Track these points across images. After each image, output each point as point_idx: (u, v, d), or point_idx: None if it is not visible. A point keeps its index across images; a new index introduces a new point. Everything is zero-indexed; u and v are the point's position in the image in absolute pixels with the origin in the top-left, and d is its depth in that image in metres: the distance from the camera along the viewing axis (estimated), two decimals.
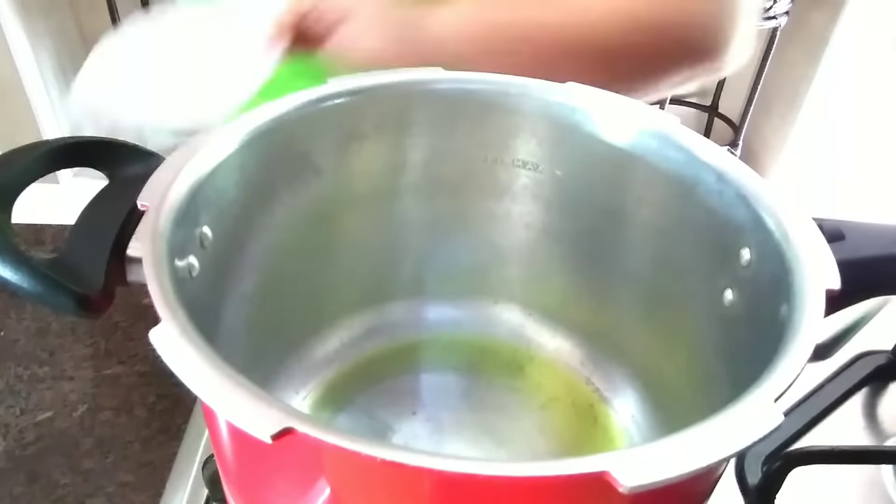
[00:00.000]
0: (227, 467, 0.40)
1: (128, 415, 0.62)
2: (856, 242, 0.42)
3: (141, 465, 0.59)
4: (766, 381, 0.29)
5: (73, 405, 0.63)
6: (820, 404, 0.63)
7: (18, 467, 0.58)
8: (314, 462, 0.31)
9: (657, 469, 0.25)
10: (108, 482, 0.57)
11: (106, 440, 0.60)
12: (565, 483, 0.27)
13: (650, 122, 0.45)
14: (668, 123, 0.45)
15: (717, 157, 0.42)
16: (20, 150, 0.33)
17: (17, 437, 0.60)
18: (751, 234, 0.40)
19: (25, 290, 0.30)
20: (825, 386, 0.65)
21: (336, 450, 0.26)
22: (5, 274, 0.30)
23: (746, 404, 0.28)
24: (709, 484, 0.36)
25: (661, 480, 0.25)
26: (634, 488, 0.25)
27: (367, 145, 0.48)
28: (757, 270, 0.40)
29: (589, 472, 0.25)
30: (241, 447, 0.36)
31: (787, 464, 0.55)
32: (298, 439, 0.26)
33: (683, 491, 0.34)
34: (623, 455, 0.26)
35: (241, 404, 0.27)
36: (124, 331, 0.69)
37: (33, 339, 0.67)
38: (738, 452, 0.27)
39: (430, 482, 0.29)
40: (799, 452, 0.56)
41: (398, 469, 0.26)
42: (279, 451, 0.31)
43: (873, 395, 0.65)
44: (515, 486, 0.28)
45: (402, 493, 0.30)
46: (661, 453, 0.26)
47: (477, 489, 0.29)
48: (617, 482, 0.25)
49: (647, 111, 0.45)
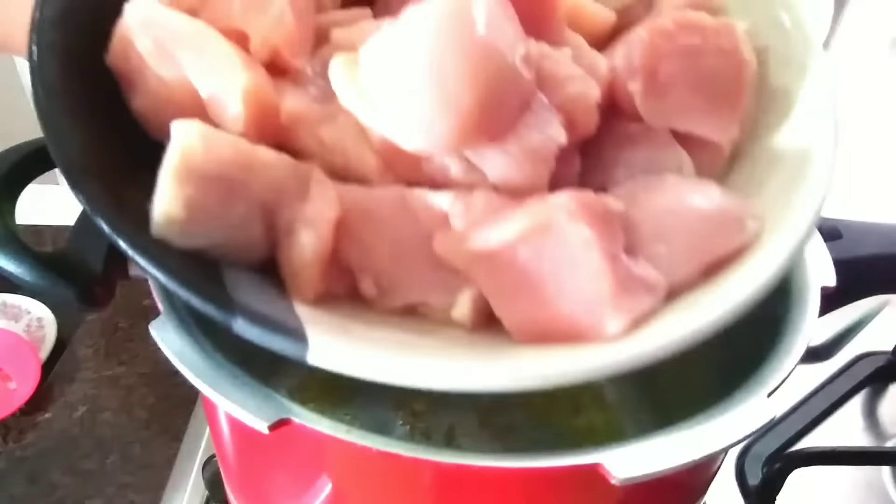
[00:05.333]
0: (228, 464, 0.40)
1: (128, 416, 0.62)
2: (853, 241, 0.42)
3: (141, 466, 0.59)
4: (760, 376, 0.29)
5: (73, 406, 0.63)
6: (820, 405, 0.63)
7: (18, 468, 0.58)
8: (314, 455, 0.31)
9: (649, 462, 0.26)
10: (108, 483, 0.57)
11: (106, 441, 0.60)
12: (559, 475, 0.28)
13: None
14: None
15: None
16: (21, 147, 0.33)
17: (17, 438, 0.60)
18: None
19: (28, 282, 0.30)
20: (825, 387, 0.65)
21: (334, 441, 0.26)
22: (9, 266, 0.30)
23: (740, 400, 0.28)
24: (703, 480, 0.36)
25: (652, 473, 0.25)
26: (627, 480, 0.25)
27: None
28: None
29: (583, 464, 0.26)
30: (241, 441, 0.36)
31: (787, 465, 0.55)
32: (296, 430, 0.26)
33: (677, 485, 0.34)
34: (616, 448, 0.26)
35: (238, 396, 0.27)
36: (124, 332, 0.69)
37: None
38: (731, 446, 0.27)
39: (427, 473, 0.29)
40: (799, 454, 0.57)
41: (395, 460, 0.26)
42: (279, 444, 0.31)
43: (873, 397, 0.65)
44: (511, 478, 0.28)
45: (400, 485, 0.30)
46: (653, 447, 0.26)
47: (473, 480, 0.29)
48: (610, 474, 0.25)
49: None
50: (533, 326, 0.27)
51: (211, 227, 0.27)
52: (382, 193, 0.29)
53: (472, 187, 0.29)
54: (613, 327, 0.26)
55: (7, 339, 0.65)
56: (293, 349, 0.25)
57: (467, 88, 0.26)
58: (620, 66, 0.31)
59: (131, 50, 0.28)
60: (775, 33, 0.34)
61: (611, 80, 0.31)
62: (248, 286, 0.27)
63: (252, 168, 0.27)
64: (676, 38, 0.31)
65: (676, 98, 0.31)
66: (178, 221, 0.26)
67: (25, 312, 0.68)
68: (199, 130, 0.26)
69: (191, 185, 0.26)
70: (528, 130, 0.28)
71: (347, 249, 0.28)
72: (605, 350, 0.25)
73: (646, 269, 0.27)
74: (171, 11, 0.29)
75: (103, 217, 0.26)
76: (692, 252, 0.28)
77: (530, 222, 0.27)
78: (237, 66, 0.28)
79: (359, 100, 0.29)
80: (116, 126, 0.29)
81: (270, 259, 0.28)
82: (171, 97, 0.28)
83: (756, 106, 0.33)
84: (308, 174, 0.28)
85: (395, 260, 0.28)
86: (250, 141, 0.28)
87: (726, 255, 0.28)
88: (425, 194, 0.29)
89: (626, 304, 0.26)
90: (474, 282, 0.28)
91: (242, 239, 0.27)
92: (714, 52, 0.31)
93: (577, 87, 0.29)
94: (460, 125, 0.27)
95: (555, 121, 0.29)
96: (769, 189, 0.30)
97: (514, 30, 0.28)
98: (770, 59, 0.34)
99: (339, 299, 0.28)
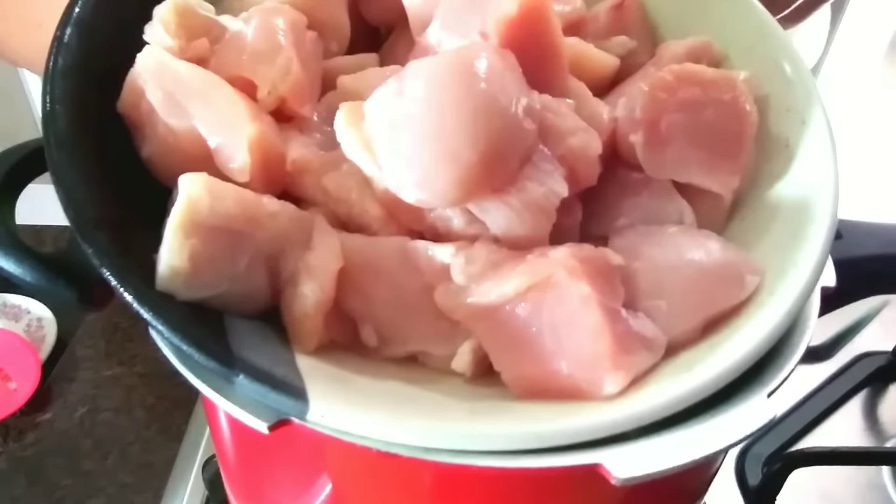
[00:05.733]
0: (228, 464, 0.40)
1: (128, 416, 0.62)
2: (853, 241, 0.42)
3: (141, 466, 0.59)
4: (760, 376, 0.29)
5: (73, 406, 0.63)
6: (820, 405, 0.63)
7: (18, 469, 0.58)
8: (314, 455, 0.31)
9: (649, 462, 0.25)
10: (108, 483, 0.58)
11: (106, 441, 0.60)
12: (559, 475, 0.27)
13: None
14: None
15: None
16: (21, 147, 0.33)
17: (17, 438, 0.60)
18: None
19: (29, 282, 0.30)
20: (825, 387, 0.65)
21: (334, 441, 0.26)
22: (9, 266, 0.30)
23: (739, 400, 0.28)
24: (703, 480, 0.36)
25: (652, 473, 0.25)
26: (627, 480, 0.25)
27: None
28: None
29: (582, 464, 0.25)
30: (241, 441, 0.36)
31: (787, 465, 0.55)
32: (296, 430, 0.26)
33: (677, 486, 0.34)
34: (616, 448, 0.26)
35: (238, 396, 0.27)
36: (124, 332, 0.69)
37: None
38: (731, 446, 0.27)
39: (427, 473, 0.29)
40: (799, 454, 0.57)
41: (395, 460, 0.26)
42: (279, 444, 0.31)
43: (873, 397, 0.66)
44: (511, 478, 0.28)
45: (400, 485, 0.30)
46: (653, 447, 0.26)
47: (472, 480, 0.29)
48: (610, 474, 0.25)
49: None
50: (531, 382, 0.27)
51: (215, 279, 0.27)
52: (385, 244, 0.29)
53: (474, 238, 0.29)
54: (612, 387, 0.26)
55: (7, 339, 0.65)
56: (293, 408, 0.25)
57: (470, 143, 0.27)
58: (622, 116, 0.31)
59: (142, 99, 0.29)
60: (777, 82, 0.34)
61: (613, 129, 0.32)
62: (250, 338, 0.27)
63: (257, 220, 0.28)
64: (677, 91, 0.31)
65: (677, 150, 0.31)
66: (183, 274, 0.26)
67: (25, 312, 0.69)
68: (205, 183, 0.27)
69: (196, 237, 0.26)
70: (530, 183, 0.28)
71: (349, 298, 0.29)
72: (603, 410, 0.26)
73: (645, 324, 0.28)
74: (181, 62, 0.30)
75: (110, 269, 0.26)
76: (692, 308, 0.29)
77: (530, 278, 0.27)
78: (244, 116, 0.29)
79: (363, 152, 0.29)
80: (124, 174, 0.30)
81: (273, 305, 0.29)
82: (180, 145, 0.29)
83: (757, 154, 0.33)
84: (311, 223, 0.29)
85: (397, 310, 0.29)
86: (256, 190, 0.28)
87: (726, 310, 0.29)
88: (427, 246, 0.29)
89: (625, 363, 0.26)
90: (474, 334, 0.28)
91: (246, 289, 0.28)
92: (715, 104, 0.32)
93: (579, 139, 0.30)
94: (462, 180, 0.27)
95: (557, 173, 0.29)
96: (770, 241, 0.31)
97: (517, 82, 0.29)
98: (771, 107, 0.34)
99: (340, 347, 0.29)
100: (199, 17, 0.31)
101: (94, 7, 0.31)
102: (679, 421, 0.26)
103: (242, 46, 0.31)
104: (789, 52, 0.35)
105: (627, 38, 0.37)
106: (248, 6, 0.32)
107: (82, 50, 0.30)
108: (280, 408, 0.26)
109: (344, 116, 0.29)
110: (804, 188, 0.32)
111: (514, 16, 0.29)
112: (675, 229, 0.31)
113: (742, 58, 0.36)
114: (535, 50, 0.30)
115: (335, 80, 0.33)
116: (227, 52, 0.31)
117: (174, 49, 0.30)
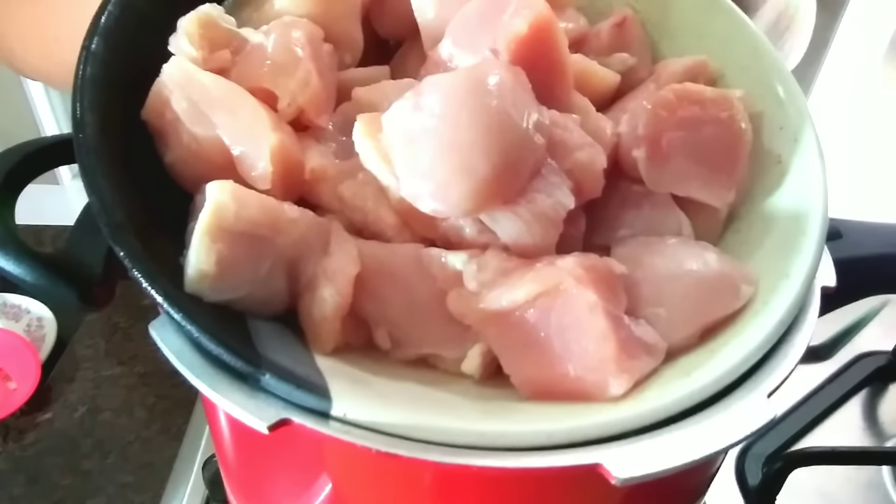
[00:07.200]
0: (228, 464, 0.40)
1: (128, 416, 0.63)
2: (853, 241, 0.43)
3: (141, 465, 0.59)
4: (760, 376, 0.29)
5: (73, 406, 0.63)
6: (820, 405, 0.64)
7: (18, 468, 0.58)
8: (314, 455, 0.32)
9: (649, 462, 0.26)
10: (108, 483, 0.58)
11: (106, 441, 0.61)
12: (559, 475, 0.28)
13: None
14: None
15: None
16: (21, 147, 0.33)
17: (17, 438, 0.60)
18: None
19: (28, 282, 0.31)
20: (825, 387, 0.65)
21: (334, 441, 0.26)
22: (8, 267, 0.30)
23: (739, 400, 0.29)
24: (703, 480, 0.37)
25: (652, 473, 0.26)
26: (627, 480, 0.26)
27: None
28: None
29: (582, 464, 0.26)
30: (241, 441, 0.36)
31: (787, 465, 0.56)
32: (296, 430, 0.26)
33: (677, 486, 0.34)
34: (616, 448, 0.27)
35: (238, 396, 0.27)
36: (124, 332, 0.69)
37: None
38: (731, 446, 0.27)
39: (427, 473, 0.29)
40: (799, 453, 0.57)
41: (395, 460, 0.26)
42: (279, 444, 0.31)
43: (873, 397, 0.66)
44: (511, 478, 0.28)
45: (400, 485, 0.31)
46: (653, 447, 0.27)
47: (472, 480, 0.29)
48: (610, 474, 0.26)
49: None
50: (539, 384, 0.29)
51: (239, 282, 0.28)
52: (400, 251, 0.31)
53: (485, 247, 0.30)
54: (617, 388, 0.27)
55: (7, 339, 0.65)
56: (318, 404, 0.26)
57: (484, 157, 0.28)
58: (626, 132, 0.33)
59: (166, 108, 0.30)
60: (770, 102, 0.36)
61: (615, 143, 0.33)
62: (272, 339, 0.28)
63: (279, 226, 0.29)
64: (678, 109, 0.33)
65: (677, 165, 0.33)
66: (210, 277, 0.27)
67: (25, 312, 0.69)
68: (231, 190, 0.28)
69: (222, 242, 0.27)
70: (539, 195, 0.30)
71: (364, 302, 0.30)
72: (609, 410, 0.27)
73: (646, 331, 0.29)
74: (205, 73, 0.31)
75: (142, 272, 0.27)
76: (690, 316, 0.30)
77: (540, 286, 0.28)
78: (266, 126, 0.30)
79: (380, 162, 0.30)
80: (147, 179, 0.31)
81: (289, 309, 0.30)
82: (203, 153, 0.30)
83: (751, 170, 0.35)
84: (329, 229, 0.30)
85: (410, 314, 0.30)
86: (276, 197, 0.29)
87: (721, 319, 0.30)
88: (440, 253, 0.30)
89: (629, 367, 0.28)
90: (484, 338, 0.29)
91: (266, 292, 0.29)
92: (713, 121, 0.33)
93: (586, 154, 0.31)
94: (476, 191, 0.28)
95: (564, 186, 0.30)
96: (763, 252, 0.32)
97: (527, 98, 0.30)
98: (764, 125, 0.36)
99: (354, 349, 0.30)
100: (222, 30, 0.32)
101: (120, 18, 0.32)
102: (679, 422, 0.27)
103: (263, 58, 0.32)
104: (782, 74, 0.36)
105: (628, 55, 0.38)
106: (268, 20, 0.33)
107: (109, 59, 0.31)
108: (304, 404, 0.26)
109: (362, 128, 0.30)
110: (796, 202, 0.33)
111: (525, 34, 0.31)
112: (674, 240, 0.32)
113: (737, 77, 0.37)
114: (542, 66, 0.32)
115: (349, 90, 0.34)
116: (249, 64, 0.32)
117: (198, 60, 0.31)
